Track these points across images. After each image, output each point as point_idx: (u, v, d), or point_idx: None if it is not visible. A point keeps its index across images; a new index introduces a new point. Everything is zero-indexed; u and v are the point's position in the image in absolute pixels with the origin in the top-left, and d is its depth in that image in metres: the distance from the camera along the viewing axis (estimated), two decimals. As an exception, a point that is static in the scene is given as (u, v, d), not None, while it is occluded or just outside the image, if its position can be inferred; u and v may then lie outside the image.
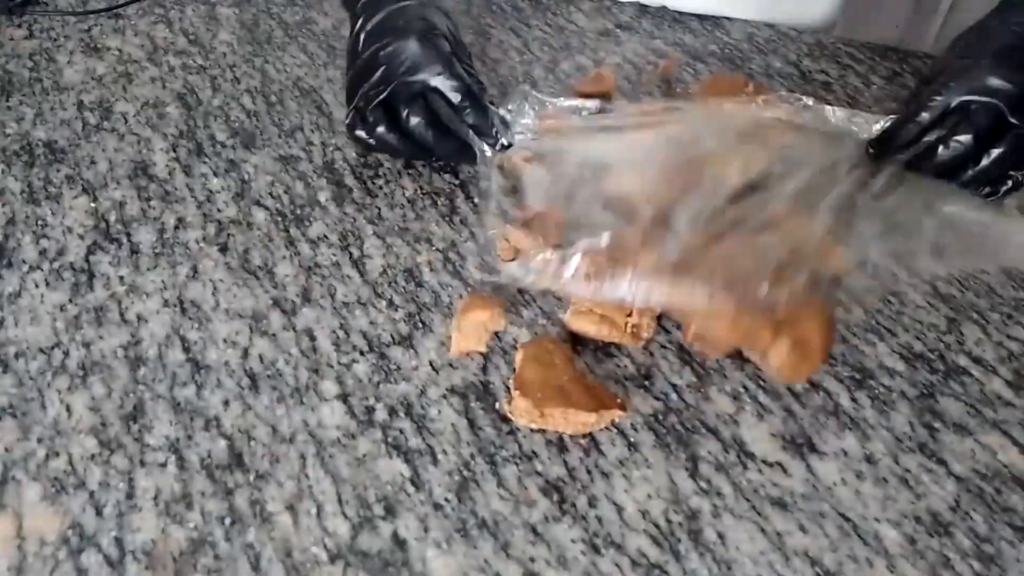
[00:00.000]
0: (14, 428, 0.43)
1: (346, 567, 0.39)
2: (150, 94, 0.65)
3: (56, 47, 0.70)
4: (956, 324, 0.52)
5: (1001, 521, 0.42)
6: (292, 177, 0.59)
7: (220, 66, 0.69)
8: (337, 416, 0.45)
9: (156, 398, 0.45)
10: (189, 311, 0.49)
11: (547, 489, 0.42)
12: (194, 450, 0.43)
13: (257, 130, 0.63)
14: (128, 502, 0.41)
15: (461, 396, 0.46)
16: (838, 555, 0.41)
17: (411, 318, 0.50)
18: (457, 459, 0.43)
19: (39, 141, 0.60)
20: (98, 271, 0.51)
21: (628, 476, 0.43)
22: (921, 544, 0.41)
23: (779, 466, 0.44)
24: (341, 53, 0.71)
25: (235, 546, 0.39)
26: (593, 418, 0.43)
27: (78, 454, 0.42)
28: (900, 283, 0.54)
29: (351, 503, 0.41)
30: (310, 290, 0.51)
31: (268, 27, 0.74)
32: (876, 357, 0.50)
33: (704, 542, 0.41)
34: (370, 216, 0.56)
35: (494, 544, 0.40)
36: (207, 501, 0.41)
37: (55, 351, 0.47)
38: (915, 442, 0.46)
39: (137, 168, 0.59)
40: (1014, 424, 0.47)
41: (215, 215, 0.56)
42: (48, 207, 0.55)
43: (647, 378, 0.48)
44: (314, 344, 0.48)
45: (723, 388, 0.48)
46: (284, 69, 0.69)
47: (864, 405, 0.47)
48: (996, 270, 0.56)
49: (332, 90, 0.67)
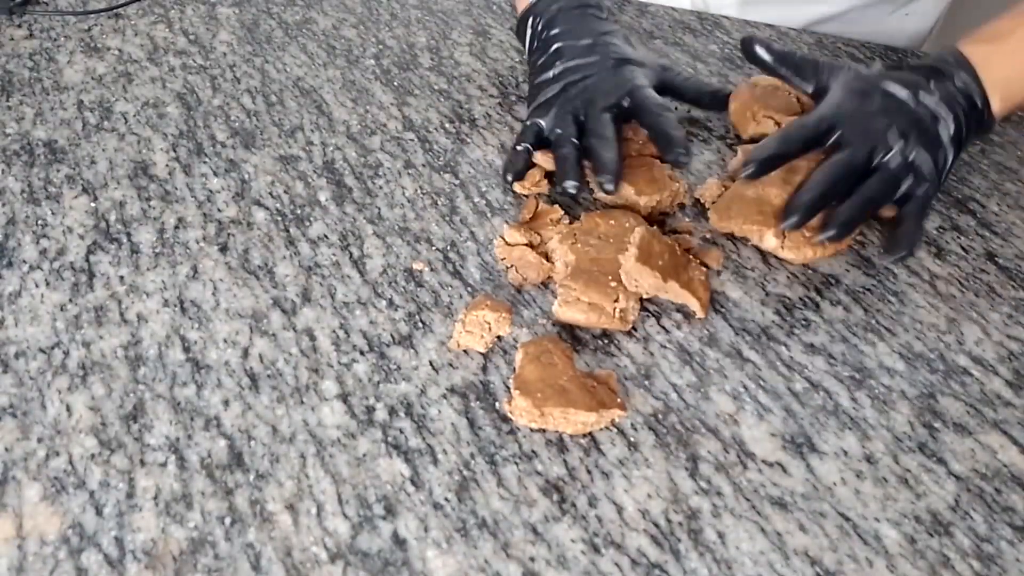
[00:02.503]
0: (14, 428, 0.43)
1: (346, 567, 0.39)
2: (150, 94, 0.65)
3: (56, 47, 0.70)
4: (956, 324, 0.52)
5: (1001, 521, 0.42)
6: (292, 177, 0.59)
7: (220, 66, 0.69)
8: (337, 416, 0.45)
9: (156, 398, 0.45)
10: (189, 311, 0.49)
11: (547, 489, 0.42)
12: (194, 450, 0.43)
13: (257, 130, 0.63)
14: (128, 502, 0.41)
15: (461, 396, 0.46)
16: (838, 555, 0.41)
17: (411, 318, 0.50)
18: (457, 459, 0.43)
19: (39, 141, 0.60)
20: (98, 271, 0.51)
21: (628, 476, 0.43)
22: (921, 544, 0.41)
23: (779, 466, 0.44)
24: (341, 53, 0.71)
25: (235, 546, 0.39)
26: (593, 417, 0.44)
27: (78, 454, 0.42)
28: (900, 283, 0.54)
29: (351, 503, 0.41)
30: (310, 290, 0.51)
31: (268, 27, 0.74)
32: (876, 357, 0.50)
33: (704, 542, 0.41)
34: (370, 216, 0.56)
35: (494, 544, 0.40)
36: (207, 501, 0.41)
37: (55, 351, 0.47)
38: (915, 442, 0.46)
39: (137, 168, 0.59)
40: (1014, 424, 0.47)
41: (215, 215, 0.56)
42: (48, 207, 0.55)
43: (647, 378, 0.48)
44: (314, 344, 0.48)
45: (723, 388, 0.48)
46: (284, 69, 0.69)
47: (864, 405, 0.47)
48: (996, 270, 0.56)
49: (332, 90, 0.67)
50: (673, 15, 0.79)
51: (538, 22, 0.63)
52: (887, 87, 0.55)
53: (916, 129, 0.53)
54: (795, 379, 0.48)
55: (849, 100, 0.55)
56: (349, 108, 0.65)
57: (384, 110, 0.66)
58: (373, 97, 0.67)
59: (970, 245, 0.58)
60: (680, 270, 0.50)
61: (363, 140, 0.62)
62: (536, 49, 0.64)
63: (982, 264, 0.57)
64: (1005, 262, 0.57)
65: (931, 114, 0.54)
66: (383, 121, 0.64)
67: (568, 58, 0.61)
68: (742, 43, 0.61)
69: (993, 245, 0.58)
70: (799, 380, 0.48)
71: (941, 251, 0.57)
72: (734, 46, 0.76)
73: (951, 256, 0.57)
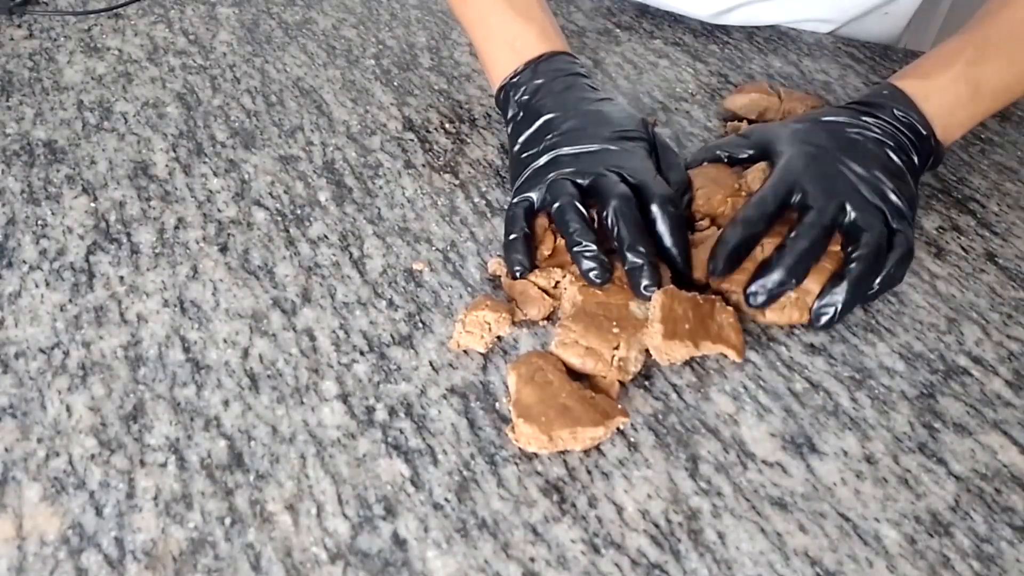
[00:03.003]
0: (14, 428, 0.43)
1: (346, 567, 0.39)
2: (150, 94, 0.65)
3: (56, 47, 0.70)
4: (956, 324, 0.52)
5: (1001, 521, 0.42)
6: (292, 177, 0.59)
7: (220, 66, 0.69)
8: (337, 416, 0.45)
9: (156, 398, 0.45)
10: (189, 311, 0.49)
11: (547, 489, 0.42)
12: (194, 450, 0.43)
13: (257, 130, 0.63)
14: (128, 502, 0.41)
15: (461, 396, 0.46)
16: (838, 555, 0.41)
17: (411, 318, 0.50)
18: (457, 459, 0.43)
19: (39, 141, 0.60)
20: (98, 271, 0.51)
21: (628, 476, 0.43)
22: (921, 544, 0.41)
23: (779, 466, 0.44)
24: (341, 53, 0.71)
25: (235, 546, 0.39)
26: (601, 431, 0.43)
27: (78, 454, 0.42)
28: (901, 283, 0.54)
29: (351, 503, 0.41)
30: (310, 290, 0.51)
31: (268, 27, 0.74)
32: (876, 357, 0.50)
33: (704, 542, 0.41)
34: (370, 216, 0.56)
35: (494, 544, 0.40)
36: (207, 501, 0.41)
37: (55, 351, 0.47)
38: (915, 442, 0.46)
39: (137, 168, 0.59)
40: (1014, 424, 0.47)
41: (215, 215, 0.56)
42: (48, 207, 0.55)
43: (647, 378, 0.48)
44: (314, 344, 0.48)
45: (723, 388, 0.48)
46: (284, 69, 0.69)
47: (864, 405, 0.47)
48: (996, 270, 0.56)
49: (332, 90, 0.67)
50: (673, 15, 0.79)
51: (521, 93, 0.57)
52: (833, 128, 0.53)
53: (876, 165, 0.51)
54: (795, 379, 0.48)
55: (799, 156, 0.52)
56: (349, 108, 0.65)
57: (384, 110, 0.66)
58: (373, 97, 0.67)
59: (970, 245, 0.58)
60: (708, 321, 0.48)
61: (363, 140, 0.62)
62: (521, 121, 0.57)
63: (982, 264, 0.57)
64: (1005, 262, 0.57)
65: (880, 143, 0.52)
66: (383, 121, 0.64)
67: (558, 132, 0.54)
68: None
69: (993, 245, 0.58)
70: (799, 380, 0.48)
71: (941, 251, 0.57)
72: (734, 46, 0.76)
73: (951, 256, 0.57)
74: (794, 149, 0.53)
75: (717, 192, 0.54)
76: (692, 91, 0.70)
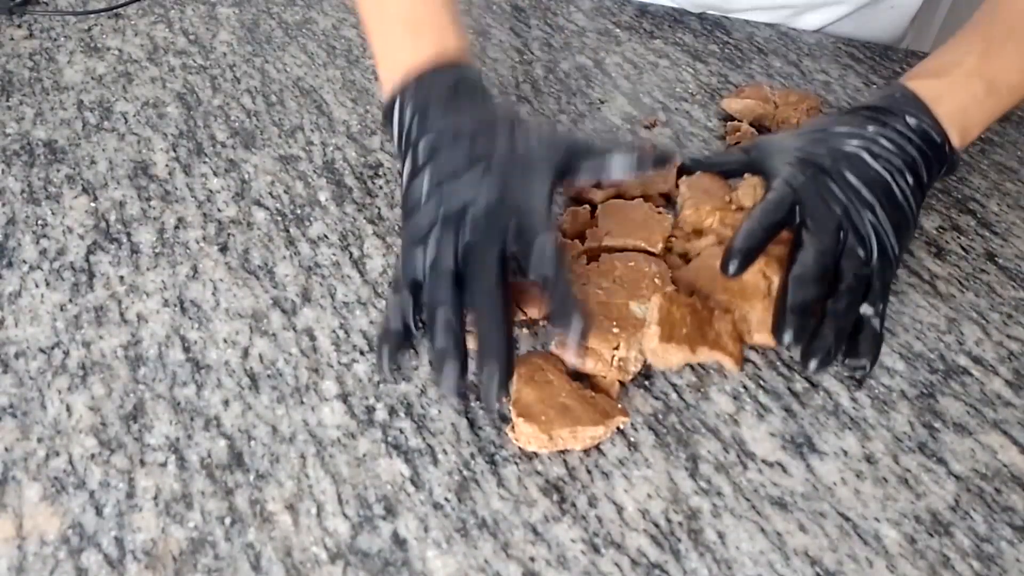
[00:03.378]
0: (14, 428, 0.43)
1: (346, 567, 0.39)
2: (150, 94, 0.65)
3: (56, 47, 0.70)
4: (956, 324, 0.52)
5: (1001, 521, 0.43)
6: (292, 177, 0.59)
7: (220, 66, 0.69)
8: (337, 416, 0.45)
9: (156, 398, 0.45)
10: (189, 311, 0.49)
11: (547, 489, 0.42)
12: (194, 450, 0.43)
13: (257, 130, 0.63)
14: (128, 502, 0.41)
15: (461, 396, 0.46)
16: (838, 555, 0.41)
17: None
18: (457, 459, 0.43)
19: (39, 141, 0.60)
20: (98, 271, 0.51)
21: (628, 476, 0.43)
22: (921, 544, 0.41)
23: (779, 466, 0.44)
24: (341, 53, 0.71)
25: (235, 546, 0.39)
26: (601, 430, 0.43)
27: (78, 454, 0.42)
28: (900, 283, 0.54)
29: (351, 503, 0.41)
30: (310, 290, 0.51)
31: (268, 27, 0.74)
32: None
33: (704, 542, 0.41)
34: (370, 216, 0.56)
35: (494, 544, 0.40)
36: (207, 501, 0.41)
37: (55, 351, 0.47)
38: (915, 442, 0.46)
39: (137, 168, 0.59)
40: (1014, 424, 0.47)
41: (215, 215, 0.56)
42: (48, 207, 0.55)
43: (647, 378, 0.48)
44: (314, 344, 0.48)
45: (723, 388, 0.48)
46: (284, 69, 0.69)
47: (864, 405, 0.47)
48: (996, 270, 0.56)
49: (332, 90, 0.67)
50: (673, 15, 0.79)
51: (405, 113, 0.49)
52: (834, 148, 0.51)
53: (877, 193, 0.49)
54: (795, 379, 0.48)
55: (798, 172, 0.50)
56: (349, 108, 0.65)
57: (384, 110, 0.66)
58: (373, 97, 0.67)
59: (970, 245, 0.58)
60: (706, 327, 0.48)
61: (363, 140, 0.62)
62: (405, 147, 0.49)
63: (982, 264, 0.57)
64: (1005, 262, 0.57)
65: (890, 168, 0.50)
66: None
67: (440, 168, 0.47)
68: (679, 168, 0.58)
69: (993, 245, 0.58)
70: (799, 380, 0.48)
71: (941, 251, 0.57)
72: (735, 46, 0.76)
73: (951, 256, 0.57)
74: (793, 166, 0.50)
75: (706, 204, 0.54)
76: (692, 91, 0.70)
